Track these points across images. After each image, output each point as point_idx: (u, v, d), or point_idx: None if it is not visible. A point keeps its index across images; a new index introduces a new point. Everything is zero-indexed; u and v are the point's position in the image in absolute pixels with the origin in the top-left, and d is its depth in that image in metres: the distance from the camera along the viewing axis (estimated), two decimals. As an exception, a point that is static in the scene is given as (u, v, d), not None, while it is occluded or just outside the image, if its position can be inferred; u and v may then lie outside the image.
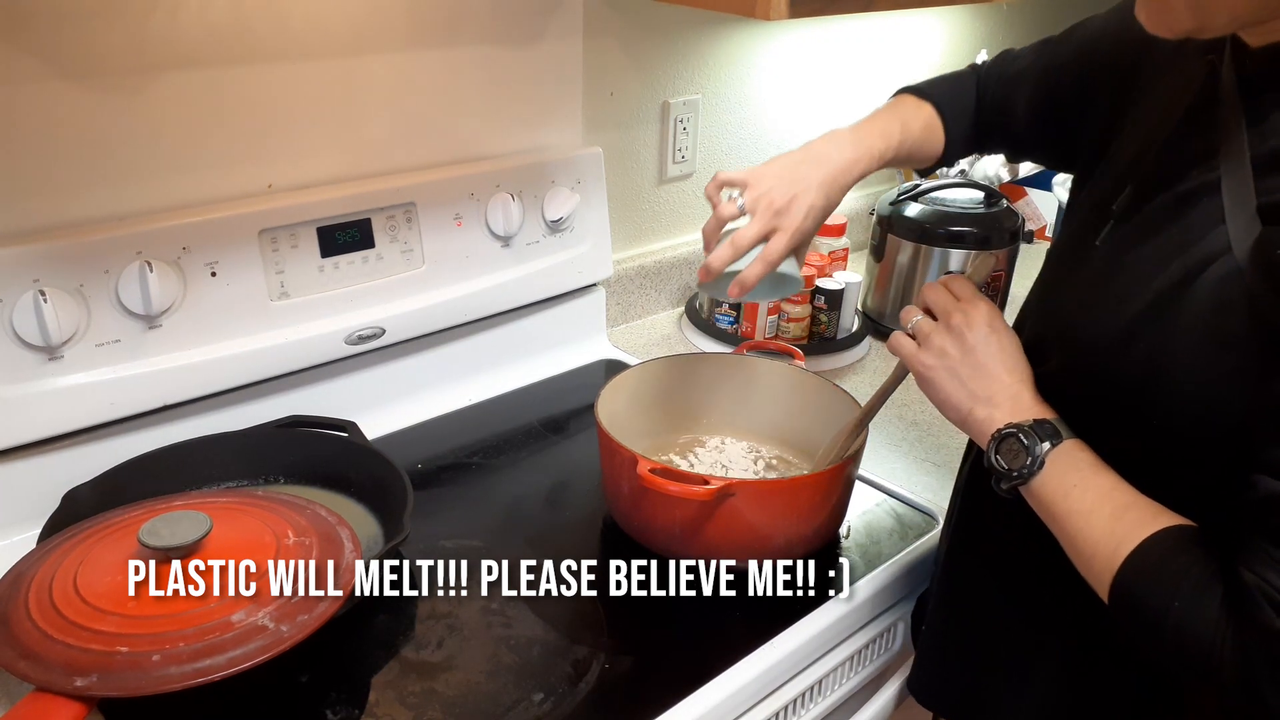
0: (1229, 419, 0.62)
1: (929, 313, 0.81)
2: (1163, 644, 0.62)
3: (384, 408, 1.15)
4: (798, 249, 0.89)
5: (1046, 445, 0.70)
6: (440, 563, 0.93)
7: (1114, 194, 0.73)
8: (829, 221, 1.46)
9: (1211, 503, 0.63)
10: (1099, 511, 0.67)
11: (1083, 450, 0.70)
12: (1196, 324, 0.63)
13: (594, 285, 1.33)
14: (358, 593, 0.78)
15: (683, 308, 1.51)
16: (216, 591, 0.71)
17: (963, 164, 1.63)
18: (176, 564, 0.72)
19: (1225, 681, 0.59)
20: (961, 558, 0.89)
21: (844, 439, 0.95)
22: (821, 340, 1.40)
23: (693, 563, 0.92)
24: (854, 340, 1.42)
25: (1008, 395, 0.74)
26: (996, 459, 0.72)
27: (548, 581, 0.91)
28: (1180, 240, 0.65)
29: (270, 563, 0.74)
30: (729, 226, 0.89)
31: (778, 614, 0.88)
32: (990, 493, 0.74)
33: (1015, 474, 0.71)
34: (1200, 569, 0.61)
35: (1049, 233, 1.78)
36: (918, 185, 1.48)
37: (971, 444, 0.88)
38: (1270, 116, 0.63)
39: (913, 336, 0.81)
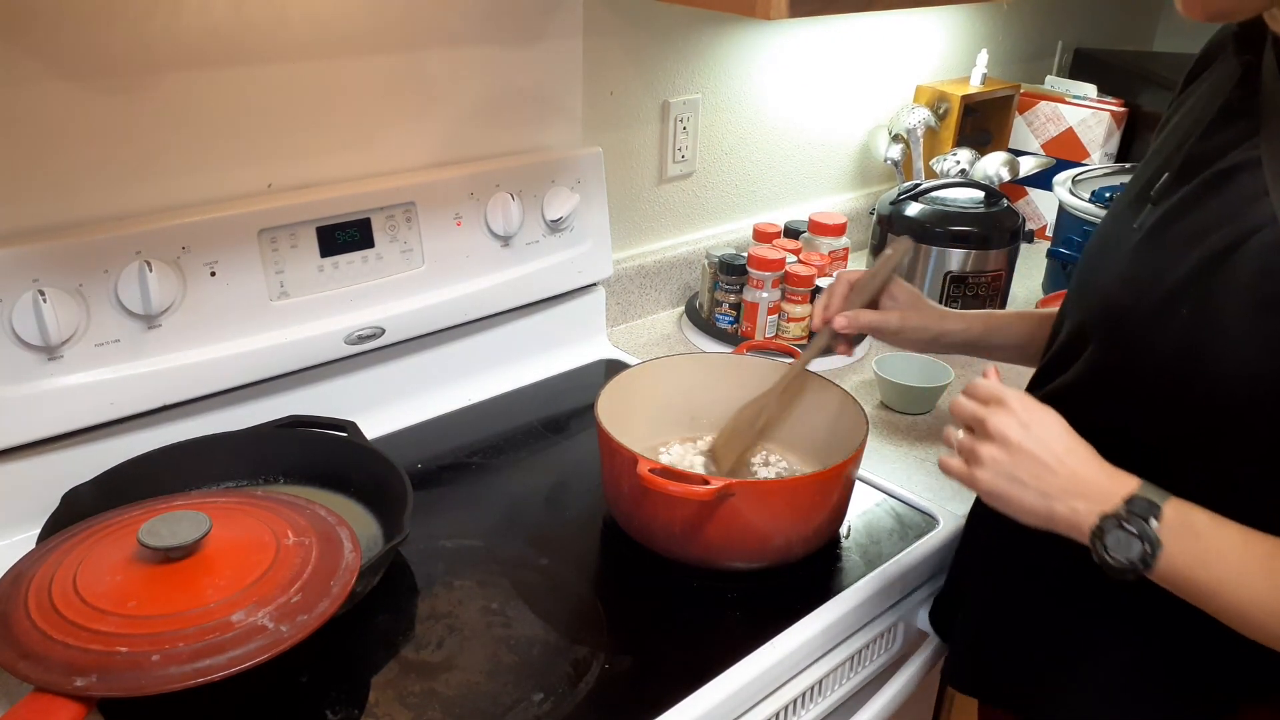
0: (1274, 384, 0.62)
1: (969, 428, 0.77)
2: None
3: (384, 408, 1.15)
4: None
5: (1153, 523, 0.66)
6: (440, 563, 0.93)
7: (1153, 182, 0.75)
8: (829, 221, 1.47)
9: (1248, 480, 0.64)
10: (1249, 570, 0.64)
11: (1189, 509, 0.67)
12: (1240, 291, 0.63)
13: (594, 285, 1.33)
14: (358, 592, 0.78)
15: (683, 308, 1.51)
16: (216, 591, 0.71)
17: (963, 164, 1.63)
18: (176, 564, 0.72)
19: None
20: (998, 549, 0.87)
21: (809, 353, 1.01)
22: (821, 340, 1.40)
23: (693, 563, 0.93)
24: (854, 340, 1.42)
25: (1077, 480, 0.70)
26: (1108, 556, 0.67)
27: (548, 581, 0.91)
28: (1220, 213, 0.67)
29: (270, 563, 0.74)
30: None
31: (778, 614, 0.88)
32: None
33: (1134, 565, 0.67)
34: None
35: (1049, 232, 1.78)
36: (918, 185, 1.48)
37: None
38: None
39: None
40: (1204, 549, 0.66)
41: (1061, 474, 0.70)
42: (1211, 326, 0.65)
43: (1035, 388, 0.85)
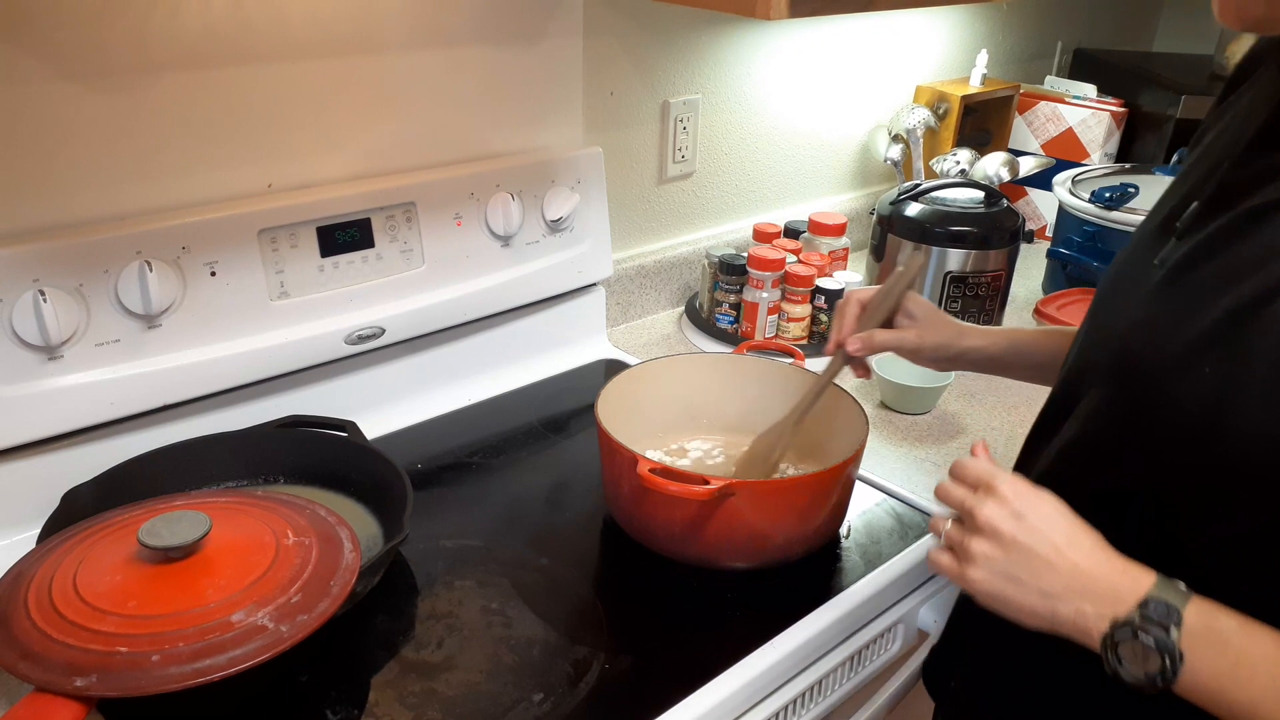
0: None
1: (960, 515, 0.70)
2: None
3: (384, 408, 1.15)
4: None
5: (1174, 632, 0.58)
6: (440, 563, 0.93)
7: (1179, 212, 0.69)
8: (829, 221, 1.47)
9: (1261, 550, 0.60)
10: None
11: (1214, 611, 0.59)
12: (1271, 346, 0.58)
13: (594, 285, 1.33)
14: (358, 592, 0.78)
15: (683, 308, 1.51)
16: (216, 591, 0.71)
17: (963, 164, 1.63)
18: (176, 564, 0.72)
19: None
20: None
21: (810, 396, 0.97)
22: (821, 340, 1.40)
23: (693, 563, 0.93)
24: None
25: (1081, 576, 0.63)
26: (1123, 669, 0.60)
27: (548, 581, 0.91)
28: (1254, 257, 0.61)
29: (270, 563, 0.74)
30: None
31: (778, 614, 0.88)
32: None
33: (1152, 680, 0.59)
34: None
35: (1049, 233, 1.78)
36: (918, 185, 1.48)
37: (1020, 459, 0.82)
38: None
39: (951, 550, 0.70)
40: (1233, 661, 0.58)
41: (1063, 569, 0.63)
42: (1237, 383, 0.59)
43: (1036, 440, 0.80)
